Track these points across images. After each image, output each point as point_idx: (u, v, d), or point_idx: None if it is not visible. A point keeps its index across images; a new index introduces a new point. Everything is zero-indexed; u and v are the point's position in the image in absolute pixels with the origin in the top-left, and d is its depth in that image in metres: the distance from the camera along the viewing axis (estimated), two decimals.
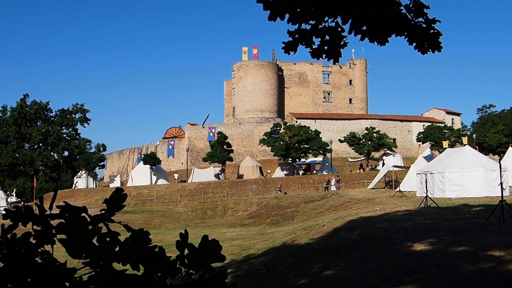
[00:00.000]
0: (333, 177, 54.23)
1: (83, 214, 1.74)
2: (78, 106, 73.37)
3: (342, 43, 4.10)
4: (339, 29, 3.94)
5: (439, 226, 13.74)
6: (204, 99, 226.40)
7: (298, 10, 3.68)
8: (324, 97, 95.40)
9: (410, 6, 3.81)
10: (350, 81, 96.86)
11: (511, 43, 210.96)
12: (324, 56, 4.26)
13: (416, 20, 3.84)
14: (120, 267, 1.74)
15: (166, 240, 21.37)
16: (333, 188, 50.33)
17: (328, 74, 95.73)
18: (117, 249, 1.74)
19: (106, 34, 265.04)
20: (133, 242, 1.78)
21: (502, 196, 14.65)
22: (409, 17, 3.83)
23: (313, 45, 4.16)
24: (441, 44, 4.02)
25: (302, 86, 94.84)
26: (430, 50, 4.01)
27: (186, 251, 1.84)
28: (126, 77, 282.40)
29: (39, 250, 1.70)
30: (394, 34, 3.89)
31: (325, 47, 4.15)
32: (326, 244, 15.59)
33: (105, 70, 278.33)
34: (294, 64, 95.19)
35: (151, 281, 1.74)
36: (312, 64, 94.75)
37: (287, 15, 3.68)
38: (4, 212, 1.82)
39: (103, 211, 1.85)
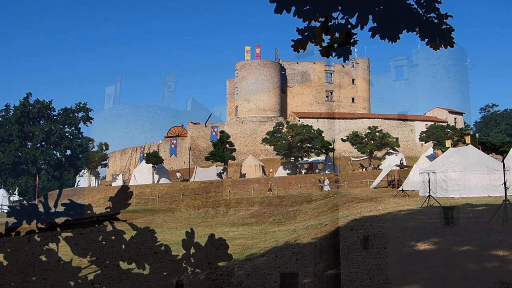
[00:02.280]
0: (325, 177, 53.90)
1: (89, 212, 1.72)
2: (81, 105, 73.45)
3: (352, 40, 4.04)
4: (349, 26, 3.89)
5: (442, 225, 13.69)
6: (206, 98, 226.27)
7: (304, 3, 3.63)
8: (327, 96, 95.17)
9: (422, 1, 3.76)
10: (353, 80, 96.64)
11: None
12: (333, 54, 4.20)
13: (428, 15, 3.79)
14: (126, 266, 1.71)
15: (168, 239, 21.29)
16: (326, 188, 49.86)
17: (331, 73, 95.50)
18: (122, 247, 1.72)
19: (108, 33, 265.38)
20: (139, 240, 1.76)
21: (505, 195, 14.57)
22: (421, 12, 3.78)
23: (322, 43, 4.09)
24: (453, 40, 3.96)
25: (305, 85, 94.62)
26: (442, 45, 3.95)
27: (192, 250, 1.82)
28: (129, 77, 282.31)
29: (44, 248, 1.68)
30: (406, 30, 3.84)
31: (335, 45, 4.08)
32: (329, 243, 15.55)
33: (108, 70, 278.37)
34: (297, 63, 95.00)
35: (157, 280, 1.72)
36: (314, 63, 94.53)
37: (293, 8, 3.63)
38: (8, 210, 1.80)
39: (108, 209, 1.83)
